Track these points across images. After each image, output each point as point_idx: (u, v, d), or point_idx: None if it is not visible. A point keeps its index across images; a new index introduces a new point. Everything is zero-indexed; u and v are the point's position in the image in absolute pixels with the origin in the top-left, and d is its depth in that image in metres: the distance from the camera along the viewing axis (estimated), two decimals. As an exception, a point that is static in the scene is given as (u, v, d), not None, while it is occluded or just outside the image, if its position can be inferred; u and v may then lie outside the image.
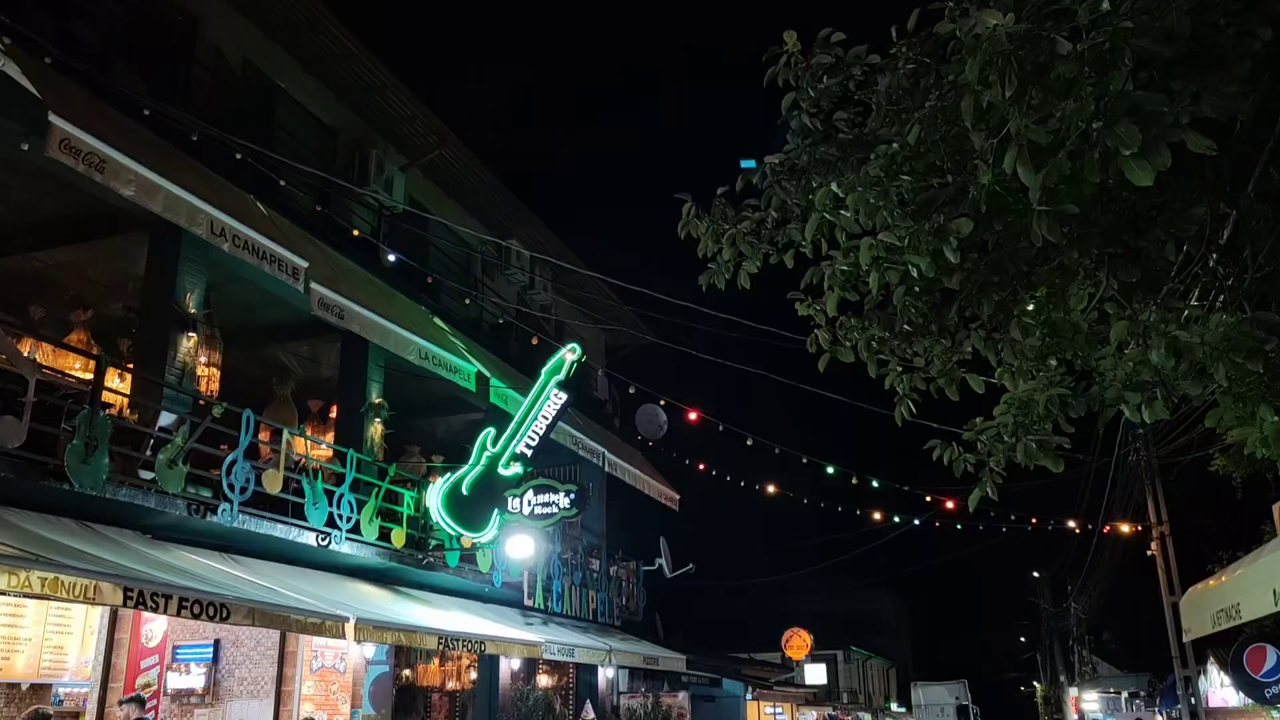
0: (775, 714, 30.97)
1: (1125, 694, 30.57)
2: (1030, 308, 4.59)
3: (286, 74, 14.34)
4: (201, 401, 10.71)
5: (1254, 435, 5.03)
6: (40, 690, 10.42)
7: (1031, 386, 4.70)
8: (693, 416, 16.94)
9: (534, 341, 17.16)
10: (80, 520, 9.02)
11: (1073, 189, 3.73)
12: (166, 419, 9.83)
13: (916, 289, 4.70)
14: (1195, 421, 13.21)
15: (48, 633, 10.31)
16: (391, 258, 14.22)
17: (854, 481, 17.63)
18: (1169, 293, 4.39)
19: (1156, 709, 24.11)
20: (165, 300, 10.89)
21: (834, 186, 4.45)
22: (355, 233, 14.05)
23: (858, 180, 4.30)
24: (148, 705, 10.07)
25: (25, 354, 9.19)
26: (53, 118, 8.23)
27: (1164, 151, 3.39)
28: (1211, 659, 17.44)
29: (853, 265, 4.64)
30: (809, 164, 4.71)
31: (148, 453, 9.46)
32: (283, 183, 12.01)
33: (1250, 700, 14.18)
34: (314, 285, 11.00)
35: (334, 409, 14.57)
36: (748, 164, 4.92)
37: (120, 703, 9.37)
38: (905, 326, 4.93)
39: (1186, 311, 4.21)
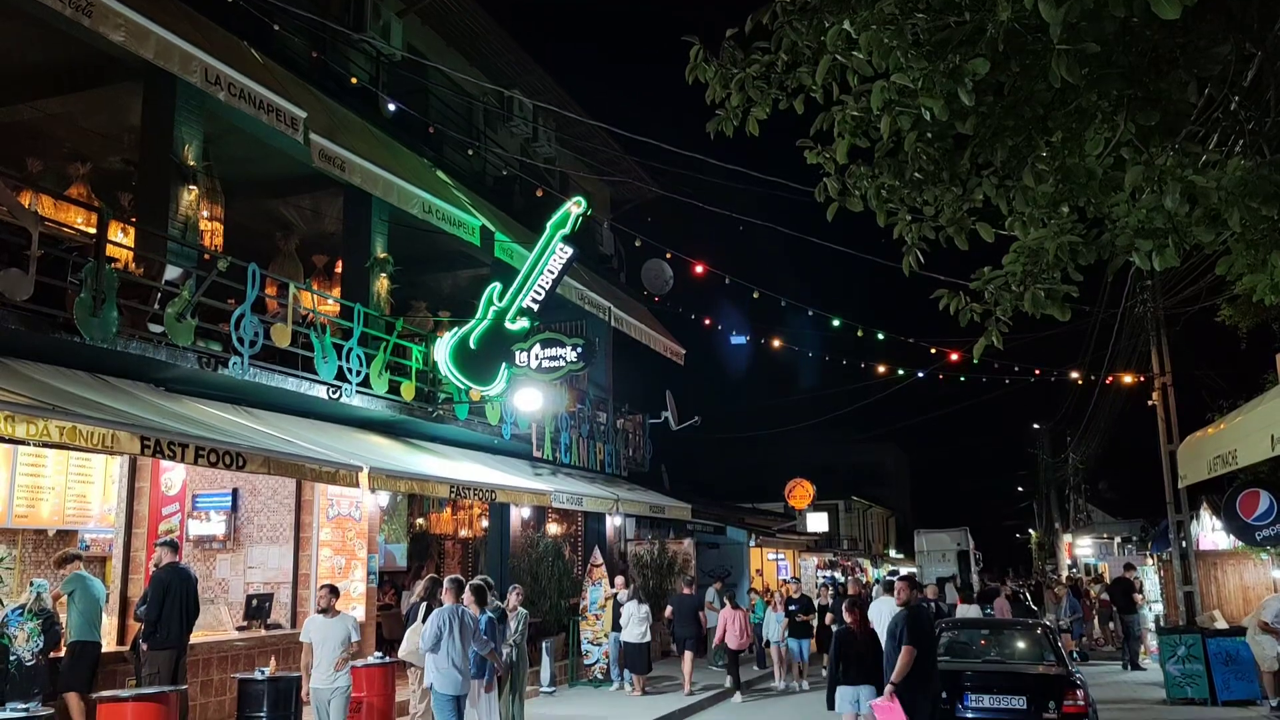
0: (778, 560, 32.05)
1: (1118, 539, 31.51)
2: (1045, 153, 4.48)
3: (275, -88, 13.70)
4: (206, 256, 10.68)
5: (1264, 282, 5.01)
6: (67, 536, 10.76)
7: (1042, 234, 4.64)
8: (699, 270, 16.89)
9: (538, 194, 16.95)
10: (93, 373, 9.14)
11: (1094, 26, 3.60)
12: (172, 273, 9.81)
13: (929, 134, 4.58)
14: (1203, 273, 13.17)
15: (70, 481, 10.58)
16: (391, 107, 13.90)
17: (859, 334, 17.72)
18: (1187, 136, 4.29)
19: (1148, 552, 24.87)
20: (163, 152, 10.72)
21: (846, 25, 4.29)
22: (353, 81, 13.69)
23: (871, 18, 4.13)
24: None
25: (26, 206, 9.11)
26: (35, -41, 7.93)
27: (1192, -18, 3.25)
28: (1204, 504, 17.89)
29: (864, 110, 4.51)
30: (821, 2, 4.53)
31: (155, 306, 9.49)
32: (277, 27, 11.64)
33: (1241, 543, 14.60)
34: (314, 136, 10.80)
35: (339, 264, 14.54)
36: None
37: (156, 545, 9.70)
38: (916, 174, 4.83)
39: (1204, 156, 4.12)
